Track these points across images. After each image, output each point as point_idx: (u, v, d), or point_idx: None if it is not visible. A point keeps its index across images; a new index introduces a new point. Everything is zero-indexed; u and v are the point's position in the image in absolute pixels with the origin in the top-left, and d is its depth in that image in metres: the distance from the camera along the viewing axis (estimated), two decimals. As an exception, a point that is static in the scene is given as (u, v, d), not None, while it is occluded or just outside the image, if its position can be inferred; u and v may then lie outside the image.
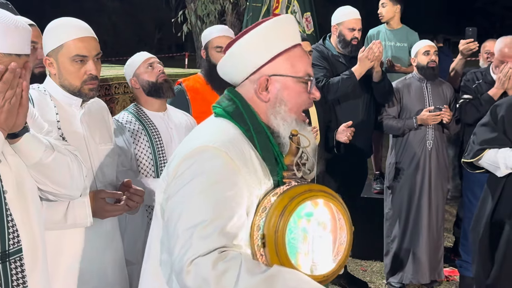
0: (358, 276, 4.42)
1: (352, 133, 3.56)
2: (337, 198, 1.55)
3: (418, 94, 4.13)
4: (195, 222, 1.40)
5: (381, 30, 5.19)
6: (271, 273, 1.36)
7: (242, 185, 1.45)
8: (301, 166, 1.54)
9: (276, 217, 1.42)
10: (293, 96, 1.58)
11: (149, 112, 2.91)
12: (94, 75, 2.22)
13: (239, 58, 1.61)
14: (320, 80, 3.92)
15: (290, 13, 5.14)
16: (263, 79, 1.57)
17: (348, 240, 1.55)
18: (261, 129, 1.56)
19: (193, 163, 1.47)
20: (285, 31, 1.61)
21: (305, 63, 1.61)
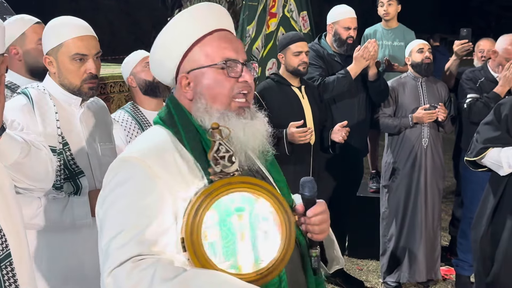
0: (354, 275, 4.42)
1: (347, 133, 3.56)
2: (260, 186, 1.44)
3: (413, 92, 4.14)
4: (113, 233, 1.37)
5: (378, 29, 5.19)
6: (185, 277, 1.30)
7: (163, 191, 1.39)
8: (219, 160, 1.43)
9: (191, 218, 1.36)
10: (212, 87, 1.49)
11: (145, 111, 2.91)
12: (94, 74, 2.22)
13: (158, 62, 1.56)
14: (315, 79, 3.92)
15: (286, 12, 5.13)
16: (181, 77, 1.52)
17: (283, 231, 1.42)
18: (191, 128, 1.49)
19: (113, 175, 1.45)
20: (194, 21, 1.52)
21: (220, 48, 1.50)
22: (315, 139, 3.61)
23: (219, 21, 1.57)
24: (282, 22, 5.13)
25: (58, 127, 2.18)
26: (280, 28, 5.04)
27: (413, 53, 4.14)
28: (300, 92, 3.67)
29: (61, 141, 2.18)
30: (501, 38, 4.02)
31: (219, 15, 1.58)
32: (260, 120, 1.55)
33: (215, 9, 1.57)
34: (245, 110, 1.52)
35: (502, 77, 3.89)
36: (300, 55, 3.57)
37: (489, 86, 4.00)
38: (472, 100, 3.99)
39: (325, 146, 3.69)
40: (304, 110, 3.62)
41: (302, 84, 3.70)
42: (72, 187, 2.18)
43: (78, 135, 2.26)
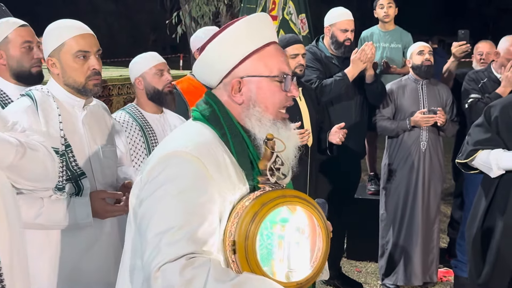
0: (352, 277, 4.42)
1: (344, 134, 3.57)
2: (311, 204, 1.51)
3: (413, 95, 4.14)
4: (164, 228, 1.38)
5: (375, 32, 5.20)
6: (239, 280, 1.34)
7: (214, 191, 1.43)
8: (275, 171, 1.50)
9: (246, 223, 1.40)
10: (268, 96, 1.55)
11: (146, 113, 2.91)
12: (98, 70, 2.25)
13: (212, 61, 1.58)
14: (313, 81, 3.93)
15: (286, 14, 5.14)
16: (235, 81, 1.55)
17: (324, 247, 1.51)
18: (237, 133, 1.54)
19: (165, 168, 1.45)
20: (256, 30, 1.57)
21: (278, 61, 1.58)
22: (313, 141, 3.62)
23: (273, 34, 1.64)
24: (282, 24, 5.15)
25: (61, 129, 2.20)
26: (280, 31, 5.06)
27: (414, 55, 4.14)
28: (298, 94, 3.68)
29: (64, 143, 2.19)
30: (503, 39, 4.03)
31: (273, 28, 1.67)
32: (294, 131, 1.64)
33: (271, 22, 1.66)
34: (287, 121, 1.61)
35: (504, 78, 3.89)
36: (296, 58, 3.58)
37: (491, 87, 4.00)
38: (474, 100, 3.98)
39: (323, 148, 3.69)
40: (301, 112, 3.63)
41: (299, 86, 3.71)
42: (74, 188, 2.19)
43: (81, 137, 2.27)
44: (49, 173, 1.88)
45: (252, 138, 1.55)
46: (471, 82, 4.09)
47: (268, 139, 1.50)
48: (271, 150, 1.50)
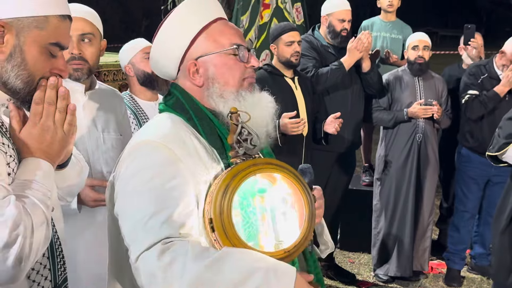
0: (346, 268, 4.42)
1: (340, 124, 3.55)
2: (285, 168, 1.47)
3: (410, 87, 4.13)
4: (137, 218, 1.36)
5: (376, 21, 5.17)
6: (219, 256, 1.31)
7: (186, 173, 1.41)
8: (242, 143, 1.46)
9: (220, 198, 1.37)
10: (224, 71, 1.53)
11: (140, 101, 2.87)
12: (76, 54, 2.17)
13: (163, 52, 1.57)
14: (309, 70, 3.91)
15: (280, 3, 5.09)
16: (190, 64, 1.54)
17: (307, 211, 1.45)
18: (203, 115, 1.53)
19: (133, 159, 1.44)
20: (198, 9, 1.56)
21: (228, 34, 1.55)
22: (308, 130, 3.59)
23: (219, 10, 1.61)
24: (276, 13, 5.09)
25: None
26: (273, 19, 5.01)
27: (409, 49, 4.13)
28: (294, 83, 3.64)
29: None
30: (510, 40, 4.00)
31: (218, 4, 1.62)
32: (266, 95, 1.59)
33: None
34: (254, 85, 1.58)
35: (505, 77, 3.89)
36: (292, 45, 3.55)
37: (490, 83, 3.99)
38: (470, 96, 3.99)
39: (318, 138, 3.67)
40: (297, 101, 3.60)
41: (295, 75, 3.68)
42: None
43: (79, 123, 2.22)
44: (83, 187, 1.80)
45: (220, 117, 1.53)
46: (471, 77, 4.08)
47: (232, 113, 1.48)
48: (235, 123, 1.48)
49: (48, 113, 1.36)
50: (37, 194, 1.29)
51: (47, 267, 1.41)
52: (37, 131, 1.35)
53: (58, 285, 1.45)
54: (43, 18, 1.34)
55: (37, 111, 1.36)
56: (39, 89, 1.36)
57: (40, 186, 1.31)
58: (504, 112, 3.90)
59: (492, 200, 4.11)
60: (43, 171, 1.34)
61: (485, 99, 3.91)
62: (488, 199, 4.19)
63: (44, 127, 1.36)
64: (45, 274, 1.41)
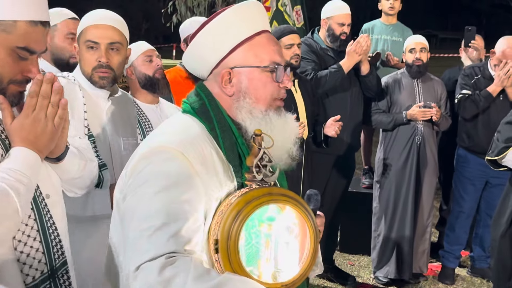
0: (345, 270, 4.43)
1: (340, 127, 3.55)
2: (299, 203, 1.45)
3: (409, 89, 4.14)
4: (145, 226, 1.32)
5: (376, 24, 5.18)
6: (220, 281, 1.27)
7: (199, 188, 1.37)
8: (261, 168, 1.43)
9: (230, 222, 1.34)
10: (258, 88, 1.49)
11: (142, 104, 2.88)
12: (104, 63, 2.21)
13: (201, 51, 1.52)
14: (308, 73, 3.92)
15: (280, 6, 5.11)
16: (224, 72, 1.49)
17: (311, 248, 1.44)
18: (227, 127, 1.48)
19: (149, 163, 1.39)
20: (246, 18, 1.51)
21: (270, 51, 1.51)
22: (308, 133, 3.60)
23: (266, 22, 1.57)
24: (276, 16, 5.11)
25: (85, 118, 2.17)
26: (273, 22, 5.02)
27: (406, 52, 4.15)
28: (293, 86, 3.65)
29: (87, 133, 2.16)
30: (500, 40, 4.05)
31: (265, 16, 1.58)
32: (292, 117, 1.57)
33: (263, 9, 1.59)
34: (281, 109, 1.54)
35: (496, 77, 3.94)
36: (292, 48, 3.56)
37: (484, 84, 4.04)
38: (463, 96, 4.03)
39: (318, 141, 3.68)
40: (297, 104, 3.61)
41: (295, 78, 3.69)
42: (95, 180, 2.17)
43: (104, 129, 2.24)
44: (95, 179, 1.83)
45: (243, 132, 1.50)
46: (465, 78, 4.13)
47: (256, 135, 1.45)
48: (258, 147, 1.45)
49: (42, 106, 1.40)
50: (8, 181, 1.32)
51: (39, 250, 1.43)
52: (29, 122, 1.39)
53: (55, 268, 1.47)
54: (11, 22, 1.36)
55: (30, 104, 1.40)
56: (34, 83, 1.40)
57: (15, 172, 1.34)
58: (498, 111, 3.96)
59: (491, 202, 4.14)
60: (27, 160, 1.38)
61: (478, 98, 3.96)
62: (487, 201, 4.21)
63: (36, 119, 1.40)
64: (38, 257, 1.42)
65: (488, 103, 3.98)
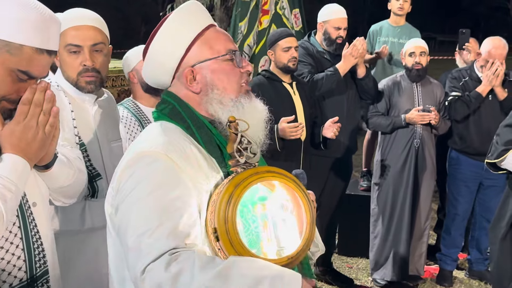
0: (344, 273, 4.43)
1: (338, 128, 3.57)
2: (287, 176, 1.49)
3: (408, 92, 4.14)
4: (142, 230, 1.35)
5: (384, 26, 5.19)
6: (225, 265, 1.32)
7: (187, 184, 1.41)
8: (243, 151, 1.48)
9: (224, 207, 1.38)
10: (223, 77, 1.54)
11: (144, 107, 2.88)
12: (89, 66, 2.09)
13: (158, 60, 1.56)
14: (304, 76, 3.93)
15: (279, 9, 5.12)
16: (187, 71, 1.53)
17: (308, 217, 1.48)
18: (201, 123, 1.52)
19: (134, 171, 1.42)
20: (191, 17, 1.56)
21: (222, 40, 1.56)
22: (306, 135, 3.61)
23: (209, 17, 1.62)
24: (274, 19, 5.13)
25: (75, 126, 2.10)
26: (272, 25, 5.04)
27: (406, 55, 4.15)
28: (292, 88, 3.67)
29: (78, 142, 2.10)
30: (486, 41, 4.08)
31: (206, 12, 1.64)
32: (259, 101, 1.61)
33: (203, 7, 1.63)
34: (250, 93, 1.59)
35: (484, 77, 3.99)
36: (289, 51, 3.57)
37: (472, 85, 4.08)
38: (453, 98, 4.06)
39: (316, 142, 3.69)
40: (295, 106, 3.62)
41: (293, 81, 3.70)
42: (88, 190, 2.08)
43: (93, 135, 2.16)
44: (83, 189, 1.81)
45: (217, 124, 1.54)
46: (453, 80, 4.17)
47: (230, 122, 1.49)
48: (234, 132, 1.49)
49: (33, 114, 1.41)
50: None
51: (21, 258, 1.44)
52: (20, 129, 1.40)
53: (36, 276, 1.47)
54: (18, 45, 1.38)
55: (22, 111, 1.40)
56: (28, 91, 1.40)
57: (3, 179, 1.35)
58: (488, 112, 4.01)
59: (485, 204, 4.17)
60: (15, 167, 1.38)
61: (468, 99, 4.00)
62: (481, 203, 4.24)
63: (27, 126, 1.40)
64: (19, 264, 1.43)
65: (478, 104, 4.02)
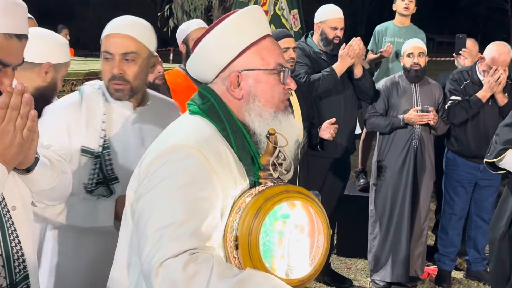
0: (342, 274, 4.42)
1: (335, 130, 3.57)
2: (314, 200, 1.51)
3: (407, 93, 4.14)
4: (166, 223, 1.35)
5: (389, 26, 5.21)
6: (242, 277, 1.32)
7: (217, 186, 1.41)
8: (277, 166, 1.49)
9: (250, 218, 1.38)
10: (267, 90, 1.53)
11: None
12: (116, 74, 2.07)
13: (207, 56, 1.55)
14: (301, 76, 3.93)
15: (277, 10, 5.13)
16: (233, 75, 1.52)
17: (325, 245, 1.50)
18: (237, 128, 1.51)
19: (166, 162, 1.41)
20: (251, 23, 1.55)
21: (275, 54, 1.56)
22: (303, 136, 3.60)
23: (268, 27, 1.62)
24: (273, 20, 5.14)
25: (103, 129, 2.08)
26: (271, 26, 5.04)
27: (404, 56, 4.14)
28: (289, 90, 3.66)
29: (102, 144, 2.08)
30: (489, 46, 4.07)
31: (267, 21, 1.64)
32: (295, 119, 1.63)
33: (264, 15, 1.64)
34: (288, 109, 1.59)
35: (486, 83, 3.97)
36: (287, 51, 3.57)
37: (473, 89, 4.07)
38: (453, 102, 4.06)
39: (313, 144, 3.69)
40: (292, 107, 3.61)
41: (291, 82, 3.70)
42: (105, 192, 2.08)
43: (125, 140, 2.13)
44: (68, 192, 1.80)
45: (251, 134, 1.53)
46: (454, 83, 4.16)
47: (270, 134, 1.49)
48: (273, 145, 1.49)
49: (10, 118, 1.38)
50: None
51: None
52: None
53: (15, 282, 1.46)
54: None
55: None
56: (4, 95, 1.39)
57: None
58: (487, 117, 4.02)
59: (480, 204, 4.20)
60: None
61: (468, 104, 3.99)
62: (476, 203, 4.26)
63: (4, 131, 1.38)
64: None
65: (478, 109, 4.02)
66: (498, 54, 3.97)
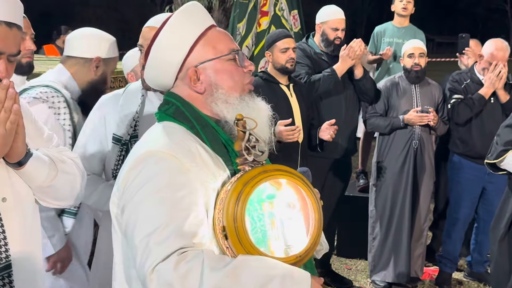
0: (342, 275, 4.42)
1: (335, 131, 3.57)
2: (295, 175, 1.50)
3: (407, 93, 4.13)
4: (150, 230, 1.36)
5: (388, 27, 5.21)
6: (235, 264, 1.33)
7: (194, 183, 1.42)
8: (251, 150, 1.49)
9: (232, 205, 1.38)
10: (227, 77, 1.55)
11: None
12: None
13: (160, 61, 1.56)
14: (301, 77, 3.93)
15: (278, 10, 5.13)
16: (191, 71, 1.54)
17: (316, 216, 1.49)
18: (205, 122, 1.53)
19: (140, 171, 1.43)
20: (193, 17, 1.57)
21: (225, 40, 1.57)
22: (303, 137, 3.61)
23: (210, 18, 1.64)
24: (274, 20, 5.14)
25: (135, 119, 2.21)
26: (271, 27, 5.05)
27: (405, 57, 4.14)
28: (289, 90, 3.66)
29: (131, 133, 2.22)
30: (487, 43, 4.07)
31: (207, 13, 1.65)
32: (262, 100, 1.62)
33: (204, 8, 1.65)
34: (252, 93, 1.60)
35: (487, 79, 3.96)
36: (287, 52, 3.57)
37: (474, 88, 4.06)
38: (456, 101, 4.04)
39: (313, 145, 3.69)
40: (292, 108, 3.62)
41: (290, 82, 3.70)
42: None
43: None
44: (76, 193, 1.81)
45: (223, 123, 1.54)
46: (455, 83, 4.15)
47: (238, 120, 1.50)
48: (242, 130, 1.49)
49: None
50: None
51: None
52: None
53: None
54: None
55: None
56: None
57: None
58: (490, 115, 3.99)
59: (489, 209, 4.11)
60: None
61: (471, 102, 3.98)
62: (485, 208, 4.18)
63: None
64: None
65: (481, 106, 4.00)
66: (497, 50, 3.97)
